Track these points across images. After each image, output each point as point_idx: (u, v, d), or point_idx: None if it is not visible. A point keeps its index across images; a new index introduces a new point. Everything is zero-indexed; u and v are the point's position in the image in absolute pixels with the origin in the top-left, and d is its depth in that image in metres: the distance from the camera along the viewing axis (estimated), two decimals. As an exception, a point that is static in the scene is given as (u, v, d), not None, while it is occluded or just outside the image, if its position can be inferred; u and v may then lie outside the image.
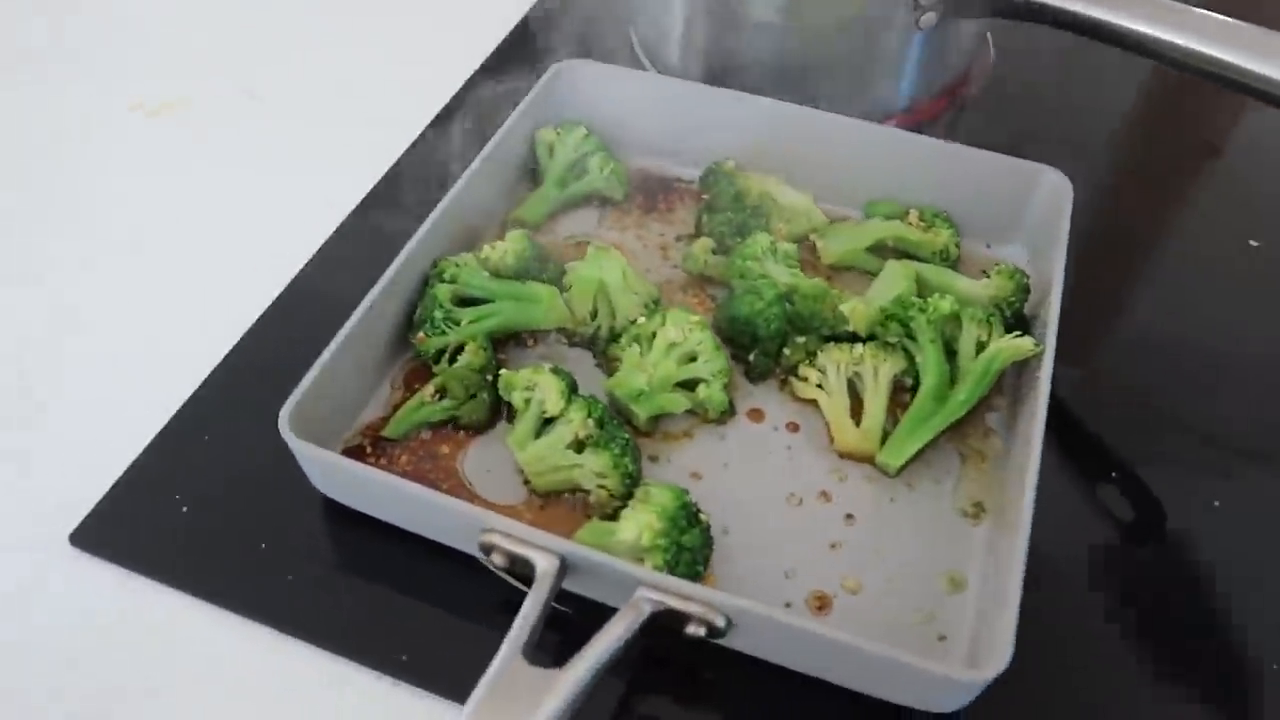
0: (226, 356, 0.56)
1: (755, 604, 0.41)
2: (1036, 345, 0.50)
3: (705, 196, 0.61)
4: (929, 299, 0.52)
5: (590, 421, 0.47)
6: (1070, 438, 0.53)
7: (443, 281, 0.53)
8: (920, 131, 0.61)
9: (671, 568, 0.43)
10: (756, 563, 0.47)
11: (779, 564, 0.47)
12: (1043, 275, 0.55)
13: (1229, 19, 0.55)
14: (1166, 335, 0.59)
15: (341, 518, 0.48)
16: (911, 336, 0.52)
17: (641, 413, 0.51)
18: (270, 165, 0.69)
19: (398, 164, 0.67)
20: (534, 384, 0.49)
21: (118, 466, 0.50)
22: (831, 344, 0.53)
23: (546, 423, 0.49)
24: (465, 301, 0.54)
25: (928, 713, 0.42)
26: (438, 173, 0.64)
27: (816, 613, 0.46)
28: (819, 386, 0.52)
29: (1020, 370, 0.53)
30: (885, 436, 0.51)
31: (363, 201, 0.64)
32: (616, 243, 0.60)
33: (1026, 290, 0.55)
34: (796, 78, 0.66)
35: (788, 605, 0.46)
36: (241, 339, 0.56)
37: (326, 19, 0.81)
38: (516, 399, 0.49)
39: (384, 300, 0.51)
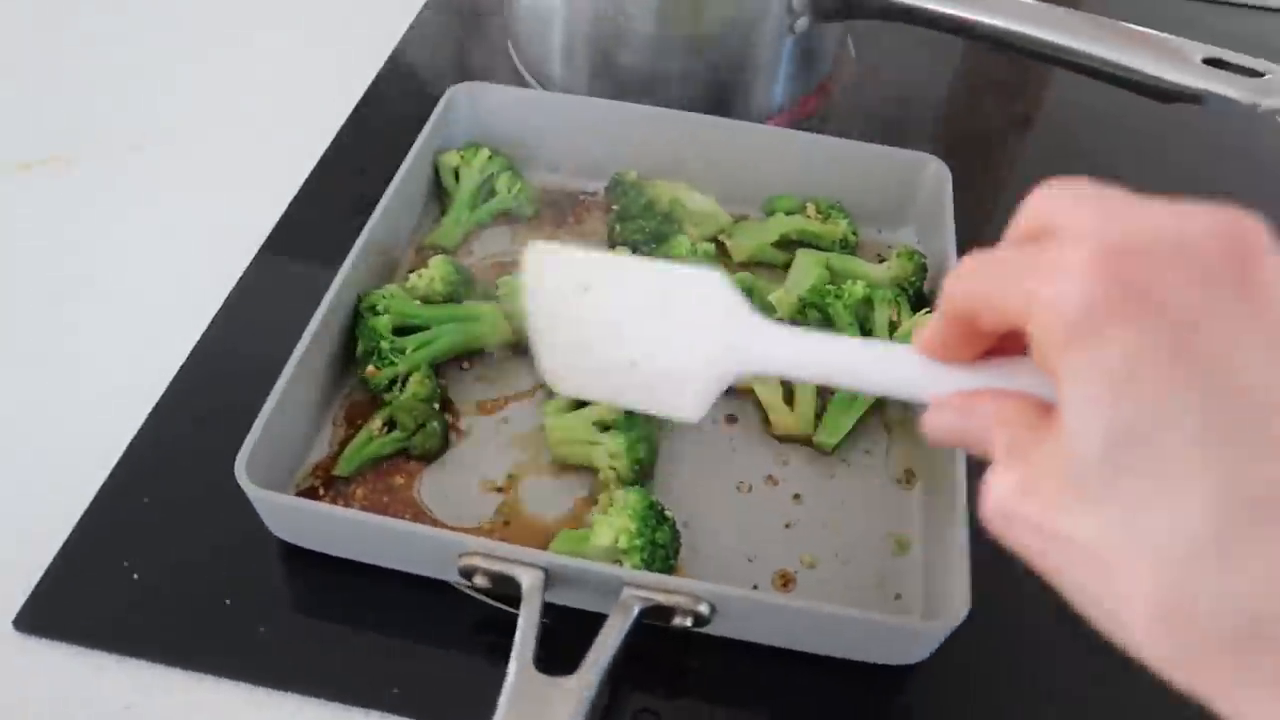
0: (154, 411, 0.53)
1: (736, 589, 0.43)
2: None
3: (615, 207, 0.63)
4: (844, 285, 0.56)
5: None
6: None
7: (376, 314, 0.53)
8: (799, 129, 0.65)
9: (648, 565, 0.45)
10: (719, 551, 0.50)
11: (740, 549, 0.50)
12: (935, 253, 0.60)
13: (1043, 4, 0.61)
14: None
15: (304, 562, 0.47)
16: (830, 321, 0.55)
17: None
18: (163, 216, 0.66)
19: (293, 204, 0.65)
20: None
21: (54, 540, 0.48)
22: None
23: (580, 404, 0.51)
24: (403, 330, 0.54)
25: (891, 669, 0.45)
26: (339, 207, 0.64)
27: (783, 590, 0.48)
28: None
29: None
30: (819, 416, 0.54)
31: (265, 244, 0.63)
32: (533, 259, 0.61)
33: (924, 269, 0.60)
34: (678, 84, 0.69)
35: (755, 587, 0.48)
36: (165, 392, 0.54)
37: (203, 65, 0.78)
38: None
39: (318, 339, 0.51)
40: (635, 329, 0.40)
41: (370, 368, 0.52)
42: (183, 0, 0.84)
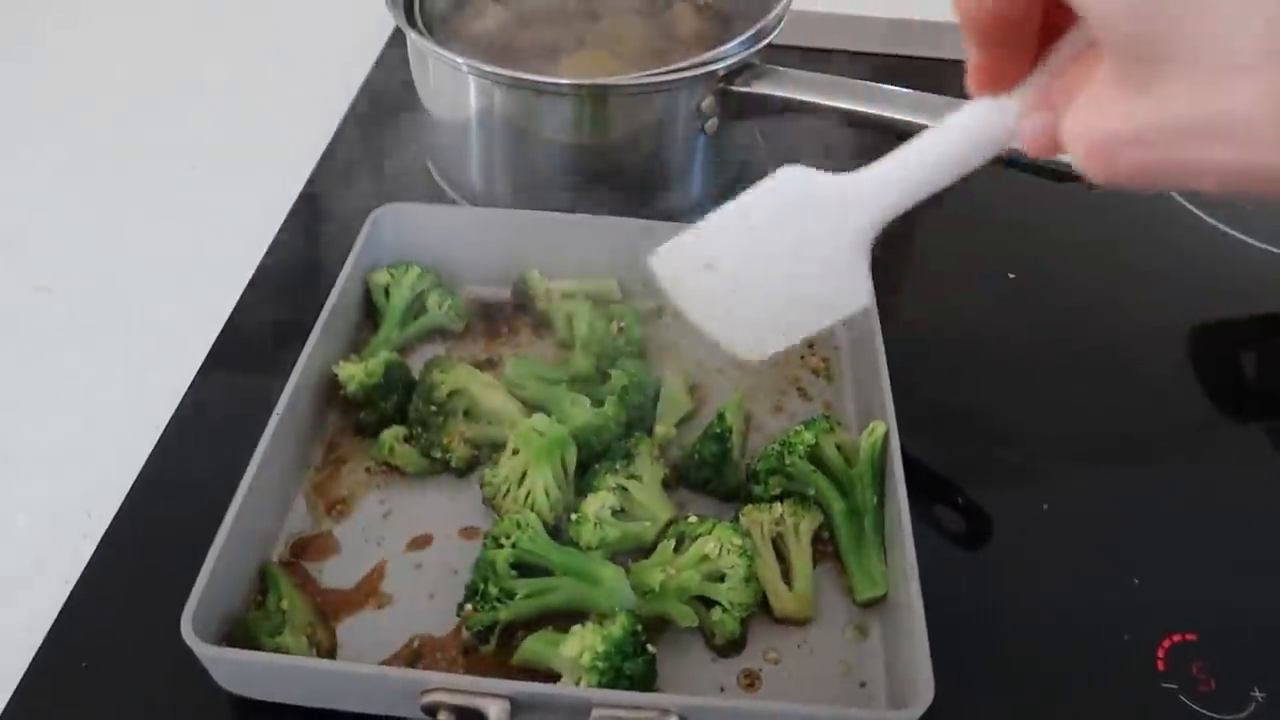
0: (86, 570, 0.52)
1: (704, 699, 0.43)
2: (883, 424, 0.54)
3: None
4: (789, 437, 0.54)
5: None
6: (914, 472, 0.59)
7: (500, 547, 0.49)
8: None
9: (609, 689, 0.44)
10: (684, 653, 0.49)
11: (705, 651, 0.50)
12: (860, 331, 0.62)
13: (929, 94, 0.65)
14: (982, 360, 0.67)
15: (252, 712, 0.46)
16: (790, 477, 0.54)
17: (642, 610, 0.49)
18: (78, 358, 0.65)
19: (218, 340, 0.64)
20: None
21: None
22: (749, 506, 0.53)
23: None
24: (522, 568, 0.50)
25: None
26: (268, 335, 0.63)
27: (749, 689, 0.48)
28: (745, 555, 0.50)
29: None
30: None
31: (192, 383, 0.62)
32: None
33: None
34: (598, 190, 0.71)
35: (722, 689, 0.48)
36: (99, 545, 0.53)
37: (112, 208, 0.77)
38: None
39: (255, 491, 0.49)
40: (768, 266, 0.41)
41: (469, 607, 0.48)
42: (101, 135, 0.84)
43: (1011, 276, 0.74)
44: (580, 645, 0.45)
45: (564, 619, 0.48)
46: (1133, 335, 0.70)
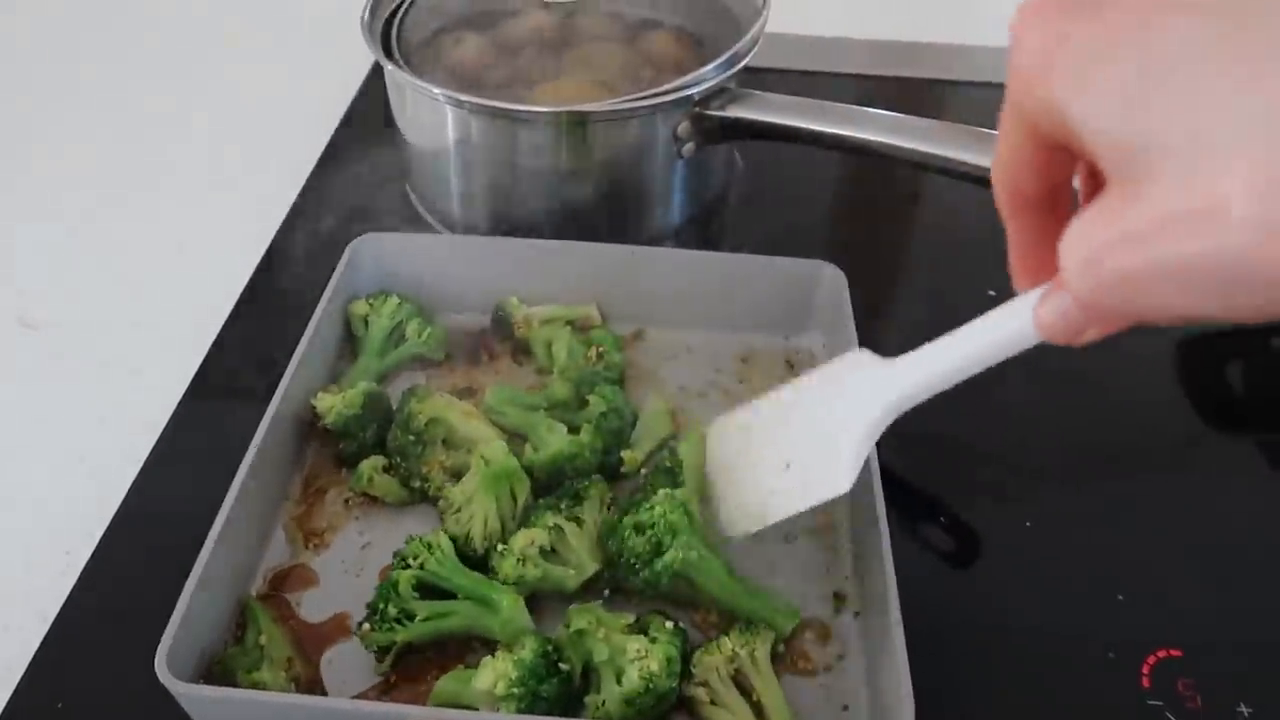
0: (63, 610, 0.51)
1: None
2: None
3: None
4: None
5: None
6: (896, 492, 0.59)
7: (407, 567, 0.49)
8: (699, 246, 0.68)
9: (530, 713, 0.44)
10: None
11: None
12: (840, 353, 0.62)
13: (905, 116, 0.66)
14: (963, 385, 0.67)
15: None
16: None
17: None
18: (57, 393, 0.65)
19: (198, 374, 0.64)
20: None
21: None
22: (699, 651, 0.48)
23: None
24: (426, 589, 0.49)
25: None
26: (247, 366, 0.63)
27: (731, 715, 0.48)
28: (713, 703, 0.47)
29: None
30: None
31: (172, 418, 0.61)
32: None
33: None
34: (577, 215, 0.71)
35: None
36: (75, 586, 0.52)
37: (94, 242, 0.77)
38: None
39: (232, 524, 0.49)
40: (785, 430, 0.42)
41: (366, 626, 0.48)
42: (85, 171, 0.84)
43: (992, 294, 0.75)
44: (493, 675, 0.44)
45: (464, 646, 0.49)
46: (1117, 349, 0.70)
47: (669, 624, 0.48)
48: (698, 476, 0.52)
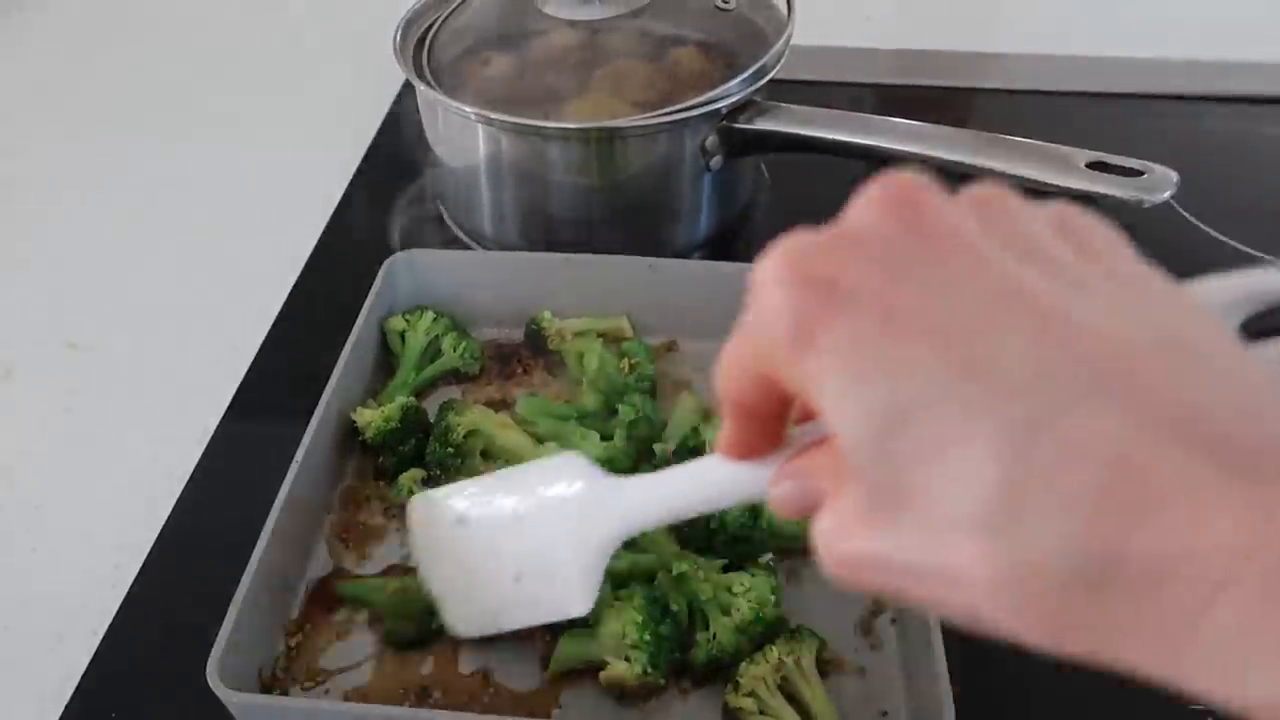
0: (114, 623, 0.53)
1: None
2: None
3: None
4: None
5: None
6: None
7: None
8: (727, 258, 0.69)
9: (653, 660, 0.47)
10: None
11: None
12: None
13: (931, 125, 0.66)
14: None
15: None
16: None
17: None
18: (103, 411, 0.66)
19: (242, 388, 0.66)
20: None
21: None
22: (745, 664, 0.48)
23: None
24: None
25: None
26: (287, 383, 0.65)
27: None
28: (762, 714, 0.47)
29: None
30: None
31: (216, 432, 0.63)
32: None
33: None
34: (606, 229, 0.72)
35: None
36: (124, 601, 0.54)
37: (136, 262, 0.79)
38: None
39: (277, 537, 0.50)
40: (513, 543, 0.41)
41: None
42: (126, 192, 0.86)
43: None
44: (618, 623, 0.46)
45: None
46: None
47: (761, 559, 0.52)
48: None
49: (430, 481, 0.57)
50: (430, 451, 0.58)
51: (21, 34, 1.10)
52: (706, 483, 0.33)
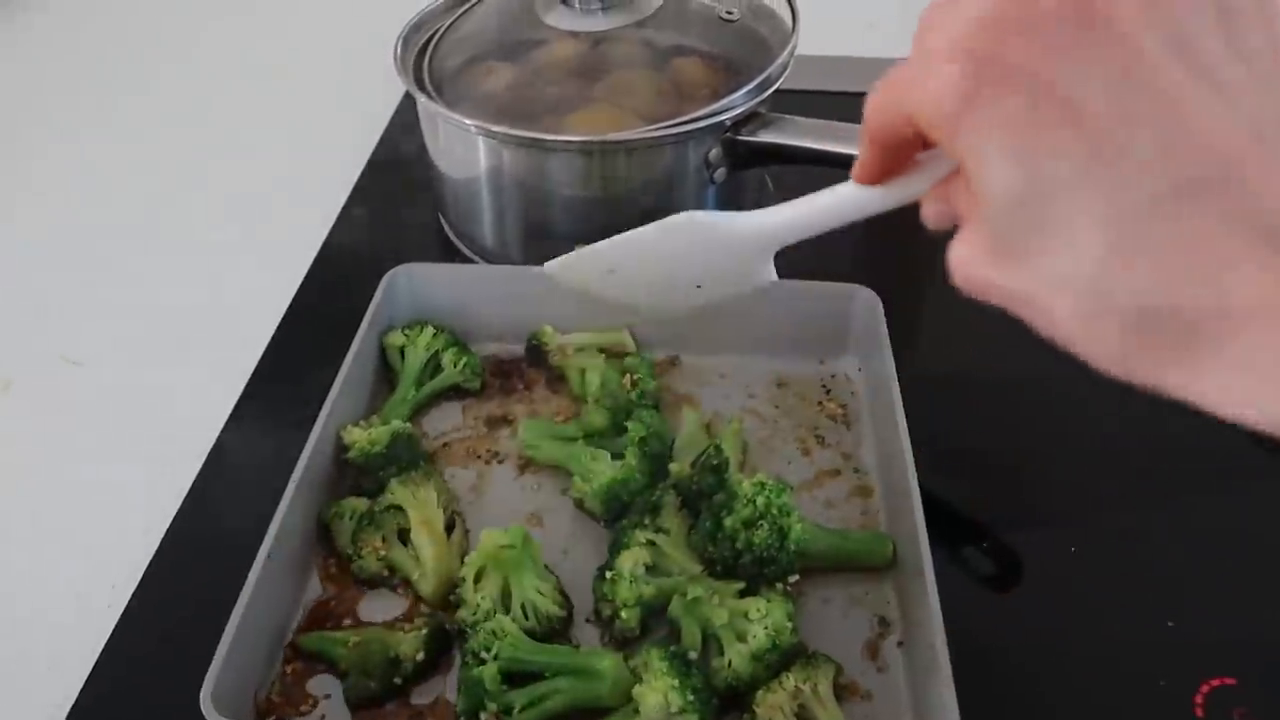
0: (109, 645, 0.52)
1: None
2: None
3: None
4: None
5: None
6: (938, 516, 0.59)
7: (480, 662, 0.47)
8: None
9: (703, 714, 0.45)
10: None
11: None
12: (878, 376, 0.62)
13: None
14: (1007, 399, 0.66)
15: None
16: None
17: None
18: (100, 428, 0.65)
19: (238, 405, 0.65)
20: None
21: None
22: (762, 692, 0.47)
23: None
24: (511, 678, 0.47)
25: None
26: (286, 399, 0.64)
27: None
28: None
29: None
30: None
31: (211, 451, 0.62)
32: (484, 435, 0.62)
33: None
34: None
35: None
36: (116, 628, 0.53)
37: (135, 277, 0.79)
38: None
39: (273, 559, 0.49)
40: (672, 267, 0.45)
41: None
42: (124, 208, 0.86)
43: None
44: (655, 697, 0.45)
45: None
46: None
47: (778, 585, 0.51)
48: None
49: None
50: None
51: (22, 35, 1.10)
52: (843, 198, 0.38)
